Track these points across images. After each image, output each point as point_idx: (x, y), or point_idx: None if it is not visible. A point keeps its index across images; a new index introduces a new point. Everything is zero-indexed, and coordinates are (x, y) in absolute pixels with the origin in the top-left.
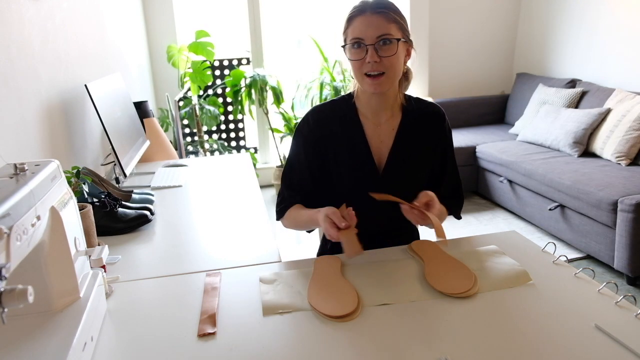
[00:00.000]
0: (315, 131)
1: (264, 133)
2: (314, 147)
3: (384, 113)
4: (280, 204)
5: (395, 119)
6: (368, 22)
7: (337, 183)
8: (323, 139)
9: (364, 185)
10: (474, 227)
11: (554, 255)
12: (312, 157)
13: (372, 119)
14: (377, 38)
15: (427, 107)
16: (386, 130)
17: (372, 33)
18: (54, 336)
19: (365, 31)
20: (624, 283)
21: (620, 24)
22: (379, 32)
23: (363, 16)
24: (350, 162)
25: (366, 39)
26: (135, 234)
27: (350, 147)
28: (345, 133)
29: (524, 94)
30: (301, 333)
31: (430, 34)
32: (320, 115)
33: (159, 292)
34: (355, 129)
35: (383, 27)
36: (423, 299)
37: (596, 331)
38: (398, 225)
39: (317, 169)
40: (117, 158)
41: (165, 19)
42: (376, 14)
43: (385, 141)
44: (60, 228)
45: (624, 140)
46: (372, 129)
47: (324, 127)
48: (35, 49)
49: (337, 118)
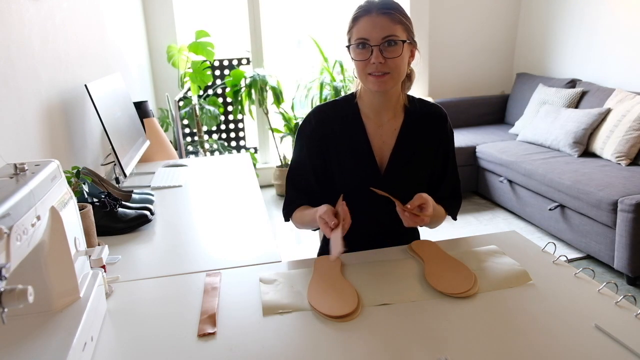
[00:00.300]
0: (317, 131)
1: (264, 133)
2: (317, 146)
3: (386, 113)
4: (287, 206)
5: (397, 119)
6: (374, 23)
7: (339, 183)
8: (325, 139)
9: (366, 185)
10: (474, 227)
11: (554, 255)
12: (315, 157)
13: (374, 119)
14: (382, 39)
15: (430, 108)
16: (388, 130)
17: (378, 34)
18: (54, 336)
19: (370, 32)
20: (624, 283)
21: (620, 24)
22: (385, 33)
23: (369, 16)
24: (352, 161)
25: (371, 40)
26: (135, 234)
27: (352, 147)
28: (347, 133)
29: (524, 94)
30: (301, 333)
31: (430, 34)
32: (322, 115)
33: (159, 292)
34: (357, 129)
35: (389, 28)
36: (423, 299)
37: (596, 331)
38: (399, 225)
39: (320, 169)
40: (117, 158)
41: (165, 19)
42: (382, 15)
43: (387, 141)
44: (60, 228)
45: (624, 140)
46: (374, 129)
47: (326, 126)
48: (35, 49)
49: (339, 118)
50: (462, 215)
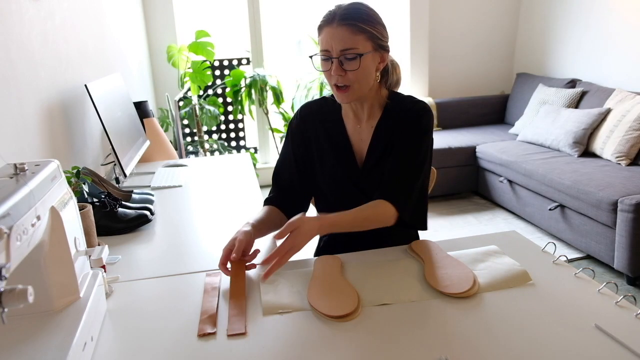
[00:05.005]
0: (301, 126)
1: (264, 133)
2: (300, 140)
3: (362, 113)
4: (266, 200)
5: (375, 118)
6: (333, 35)
7: (321, 179)
8: (308, 134)
9: (346, 180)
10: (474, 227)
11: (554, 255)
12: (297, 149)
13: (353, 117)
14: (340, 52)
15: (410, 105)
16: (366, 128)
17: (337, 46)
18: (54, 336)
19: (330, 43)
20: (624, 283)
21: (620, 24)
22: (343, 46)
23: (330, 27)
24: (332, 158)
25: (332, 52)
26: (135, 234)
27: (333, 144)
28: (329, 130)
29: (524, 94)
30: (301, 333)
31: (430, 34)
32: (307, 111)
33: (159, 292)
34: (338, 127)
35: (347, 41)
36: (423, 299)
37: (596, 331)
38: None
39: (303, 161)
40: (117, 158)
41: (165, 19)
42: (343, 26)
43: (364, 139)
44: (60, 228)
45: (624, 140)
46: (353, 127)
47: (309, 123)
48: (35, 49)
49: (323, 115)
50: (462, 216)
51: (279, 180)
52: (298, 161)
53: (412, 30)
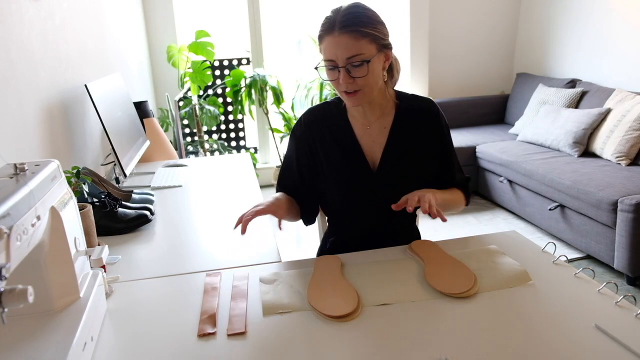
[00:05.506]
0: (306, 133)
1: (264, 133)
2: (306, 149)
3: (372, 113)
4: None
5: (386, 117)
6: (336, 44)
7: (332, 184)
8: (314, 142)
9: (359, 184)
10: (474, 227)
11: (554, 255)
12: (302, 158)
13: (360, 119)
14: (346, 60)
15: (421, 103)
16: (377, 129)
17: (342, 55)
18: (54, 336)
19: (335, 53)
20: (624, 283)
21: (620, 24)
22: (348, 54)
23: (331, 36)
24: (342, 163)
25: (337, 61)
26: (135, 234)
27: (341, 148)
28: (336, 135)
29: (524, 94)
30: (301, 333)
31: (430, 34)
32: (311, 117)
33: (159, 292)
34: (345, 131)
35: (352, 48)
36: (423, 299)
37: (596, 331)
38: (394, 224)
39: (308, 170)
40: (117, 158)
41: (165, 19)
42: (344, 34)
43: (377, 140)
44: (60, 228)
45: (624, 140)
46: (361, 129)
47: (314, 128)
48: (35, 49)
49: (328, 120)
50: (462, 216)
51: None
52: (302, 171)
53: (412, 30)
